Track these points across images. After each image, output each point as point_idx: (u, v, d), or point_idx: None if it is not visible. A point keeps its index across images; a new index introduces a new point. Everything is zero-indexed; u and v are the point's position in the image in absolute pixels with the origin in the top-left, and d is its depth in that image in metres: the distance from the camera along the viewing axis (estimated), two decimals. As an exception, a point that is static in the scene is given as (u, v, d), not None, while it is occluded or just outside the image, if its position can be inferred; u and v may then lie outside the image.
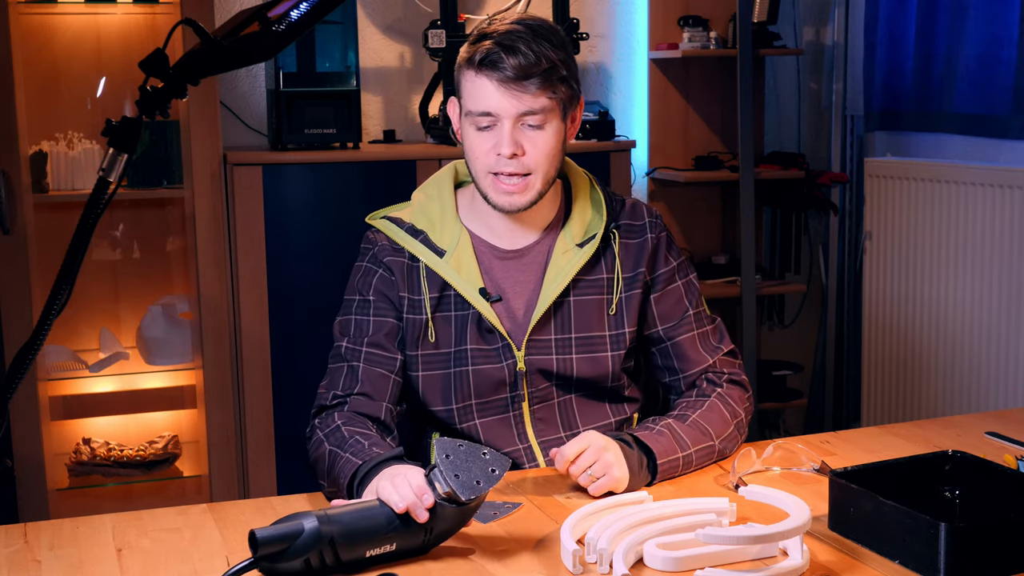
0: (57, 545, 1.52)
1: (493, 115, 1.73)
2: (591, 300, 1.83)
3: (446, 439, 1.45)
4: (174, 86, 1.55)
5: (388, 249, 1.84)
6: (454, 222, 1.84)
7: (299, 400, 3.09)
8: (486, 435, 1.83)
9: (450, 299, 1.81)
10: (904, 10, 3.66)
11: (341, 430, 1.72)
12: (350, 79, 3.20)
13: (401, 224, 1.85)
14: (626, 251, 1.85)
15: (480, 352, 1.81)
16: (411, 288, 1.82)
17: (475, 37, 1.76)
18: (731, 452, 1.81)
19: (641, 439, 1.70)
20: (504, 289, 1.83)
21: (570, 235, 1.84)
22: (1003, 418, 2.01)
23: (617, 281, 1.84)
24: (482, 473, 1.40)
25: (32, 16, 3.16)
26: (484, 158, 1.76)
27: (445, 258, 1.81)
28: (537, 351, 1.81)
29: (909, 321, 3.61)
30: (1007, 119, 3.33)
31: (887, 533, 1.42)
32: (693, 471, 1.76)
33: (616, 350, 1.84)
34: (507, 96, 1.72)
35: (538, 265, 1.84)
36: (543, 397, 1.84)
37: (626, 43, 3.83)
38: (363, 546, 1.39)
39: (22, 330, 2.89)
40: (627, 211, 1.88)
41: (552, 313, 1.82)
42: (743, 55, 3.54)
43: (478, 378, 1.81)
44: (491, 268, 1.83)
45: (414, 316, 1.82)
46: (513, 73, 1.70)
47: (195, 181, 3.05)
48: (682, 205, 3.89)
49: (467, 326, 1.81)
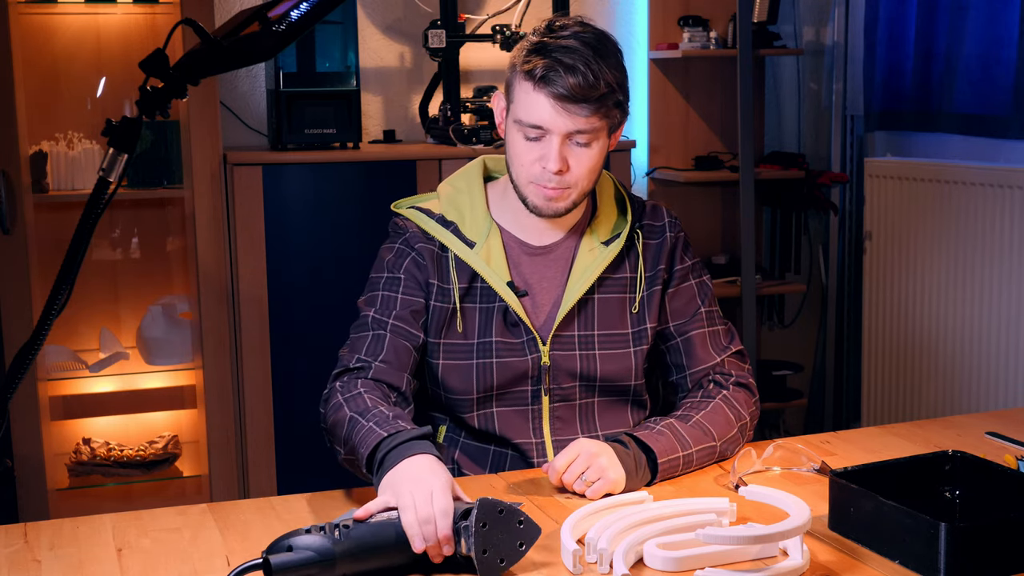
0: (57, 545, 1.52)
1: (544, 129, 1.73)
2: (615, 298, 1.85)
3: (489, 500, 1.39)
4: (174, 86, 1.55)
5: (419, 236, 1.84)
6: (484, 216, 1.85)
7: (299, 400, 3.11)
8: (501, 425, 1.83)
9: (478, 290, 1.82)
10: (904, 10, 3.66)
11: (364, 397, 1.68)
12: (350, 79, 3.20)
13: (431, 215, 1.85)
14: (647, 250, 1.87)
15: (505, 345, 1.81)
16: (441, 276, 1.83)
17: (533, 45, 1.73)
18: (732, 454, 1.80)
19: (640, 438, 1.70)
20: (531, 284, 1.84)
21: (596, 234, 1.86)
22: (1003, 418, 2.01)
23: (640, 280, 1.86)
24: (509, 547, 1.39)
25: (32, 16, 3.16)
26: (529, 167, 1.76)
27: (475, 249, 1.82)
28: (561, 347, 1.83)
29: (909, 321, 3.61)
30: (1007, 119, 3.33)
31: (887, 533, 1.42)
32: (694, 470, 1.75)
33: (638, 346, 1.86)
34: (561, 114, 1.71)
35: (564, 262, 1.86)
36: (565, 396, 1.84)
37: (626, 43, 3.83)
38: (372, 563, 1.39)
39: (22, 330, 2.89)
40: (648, 212, 1.91)
41: (576, 310, 1.83)
42: (743, 55, 3.54)
43: (502, 370, 1.82)
44: (519, 263, 1.85)
45: (442, 304, 1.82)
46: (570, 93, 1.70)
47: (195, 181, 3.05)
48: (682, 205, 3.89)
49: (493, 318, 1.82)
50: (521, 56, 1.74)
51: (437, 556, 1.41)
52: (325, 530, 1.36)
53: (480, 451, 1.86)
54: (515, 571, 1.40)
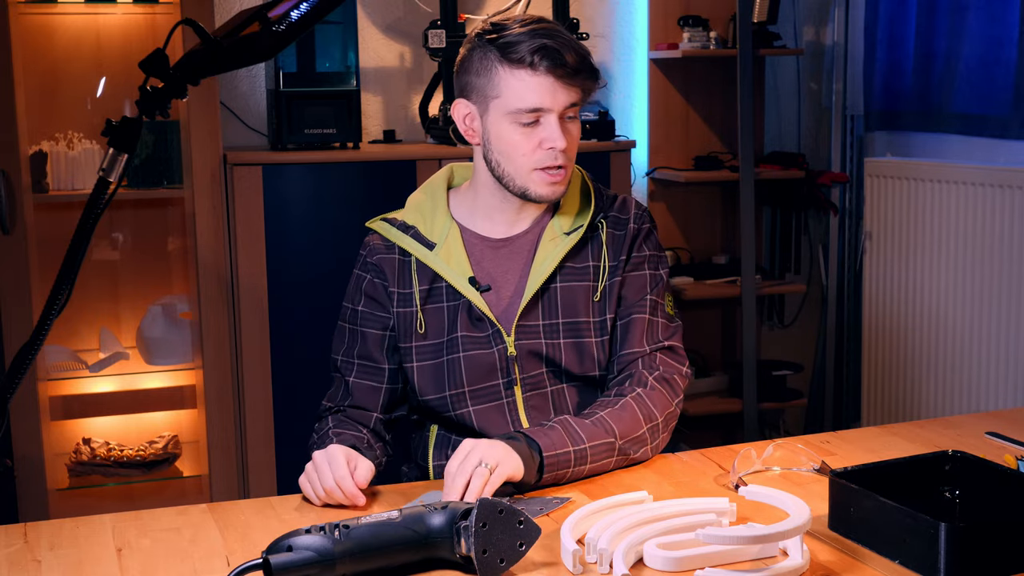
0: (57, 545, 1.52)
1: (543, 110, 1.76)
2: (576, 286, 1.86)
3: (489, 500, 1.39)
4: (174, 86, 1.55)
5: (380, 248, 1.89)
6: (445, 216, 1.89)
7: (299, 400, 3.10)
8: (479, 422, 1.85)
9: (441, 290, 1.85)
10: (904, 10, 3.66)
11: (330, 432, 1.82)
12: (350, 79, 3.21)
13: (393, 222, 1.90)
14: (612, 240, 1.88)
15: (471, 339, 1.84)
16: (402, 283, 1.87)
17: (502, 40, 1.76)
18: (642, 455, 1.77)
19: (528, 434, 1.67)
20: (495, 278, 1.86)
21: (558, 224, 1.88)
22: (1003, 418, 2.01)
23: (603, 269, 1.87)
24: (509, 547, 1.38)
25: (32, 16, 3.16)
26: (532, 155, 1.78)
27: (435, 250, 1.85)
28: (526, 336, 1.84)
29: (909, 321, 3.61)
30: (1007, 119, 3.33)
31: (887, 533, 1.42)
32: (598, 469, 1.71)
33: (600, 336, 1.86)
34: (562, 90, 1.76)
35: (527, 253, 1.88)
36: (536, 385, 1.86)
37: (626, 43, 3.83)
38: (372, 563, 1.39)
39: (22, 330, 2.89)
40: (617, 205, 1.92)
41: (539, 298, 1.85)
42: (743, 55, 3.54)
43: (470, 364, 1.84)
44: (481, 258, 1.87)
45: (405, 309, 1.86)
46: (572, 66, 1.75)
47: (195, 181, 3.05)
48: (682, 205, 3.88)
49: (458, 315, 1.84)
50: (496, 52, 1.76)
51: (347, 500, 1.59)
52: (325, 530, 1.36)
53: None
54: (515, 571, 1.40)
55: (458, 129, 1.87)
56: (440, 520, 1.40)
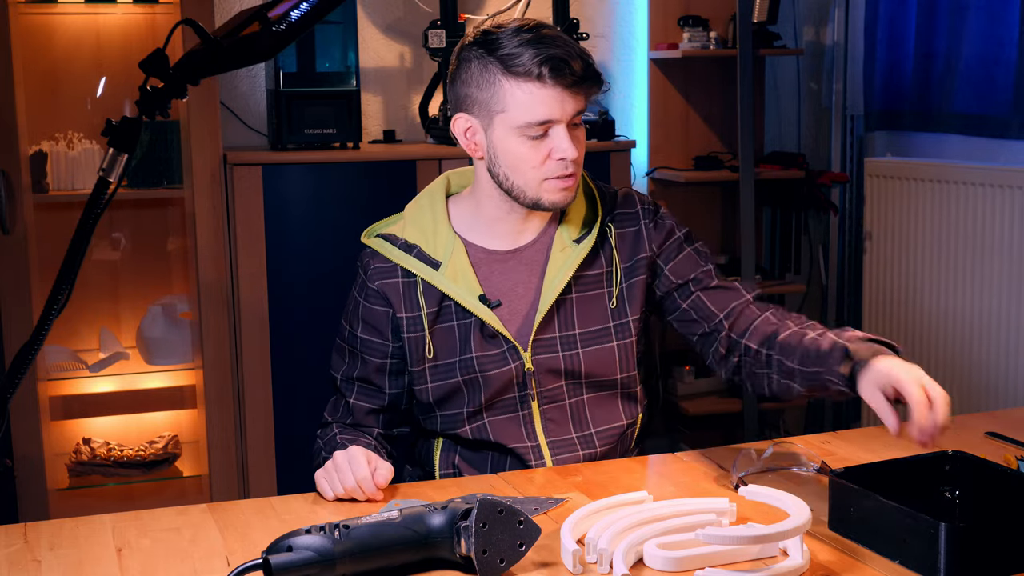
0: (57, 545, 1.52)
1: (552, 122, 1.71)
2: (592, 295, 1.83)
3: (489, 499, 1.39)
4: (174, 86, 1.55)
5: (380, 270, 1.82)
6: (447, 231, 1.82)
7: (299, 400, 3.11)
8: (495, 432, 1.83)
9: (450, 309, 1.80)
10: (904, 10, 3.66)
11: (336, 437, 1.81)
12: (350, 79, 3.20)
13: (395, 241, 1.82)
14: (622, 241, 1.85)
15: (487, 358, 1.80)
16: (409, 306, 1.81)
17: (500, 47, 1.70)
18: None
19: (882, 340, 1.67)
20: (504, 292, 1.82)
21: (566, 232, 1.83)
22: (1003, 418, 2.01)
23: (616, 273, 1.84)
24: (509, 547, 1.39)
25: (32, 16, 3.16)
26: (542, 167, 1.74)
27: (441, 270, 1.79)
28: (544, 350, 1.81)
29: (909, 321, 3.61)
30: (1007, 119, 3.33)
31: (887, 533, 1.42)
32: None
33: (621, 339, 1.84)
34: (570, 99, 1.71)
35: (537, 264, 1.83)
36: (553, 397, 1.83)
37: (626, 43, 3.83)
38: (372, 563, 1.39)
39: (22, 330, 2.89)
40: (620, 202, 1.88)
41: (554, 311, 1.81)
42: (743, 55, 3.54)
43: (488, 383, 1.80)
44: (489, 273, 1.82)
45: (415, 334, 1.81)
46: (579, 74, 1.70)
47: (195, 181, 3.05)
48: (682, 205, 3.88)
49: (471, 334, 1.80)
50: (498, 64, 1.70)
51: (360, 496, 1.62)
52: (325, 530, 1.36)
53: (479, 457, 1.86)
54: (515, 571, 1.40)
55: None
56: (440, 520, 1.40)
